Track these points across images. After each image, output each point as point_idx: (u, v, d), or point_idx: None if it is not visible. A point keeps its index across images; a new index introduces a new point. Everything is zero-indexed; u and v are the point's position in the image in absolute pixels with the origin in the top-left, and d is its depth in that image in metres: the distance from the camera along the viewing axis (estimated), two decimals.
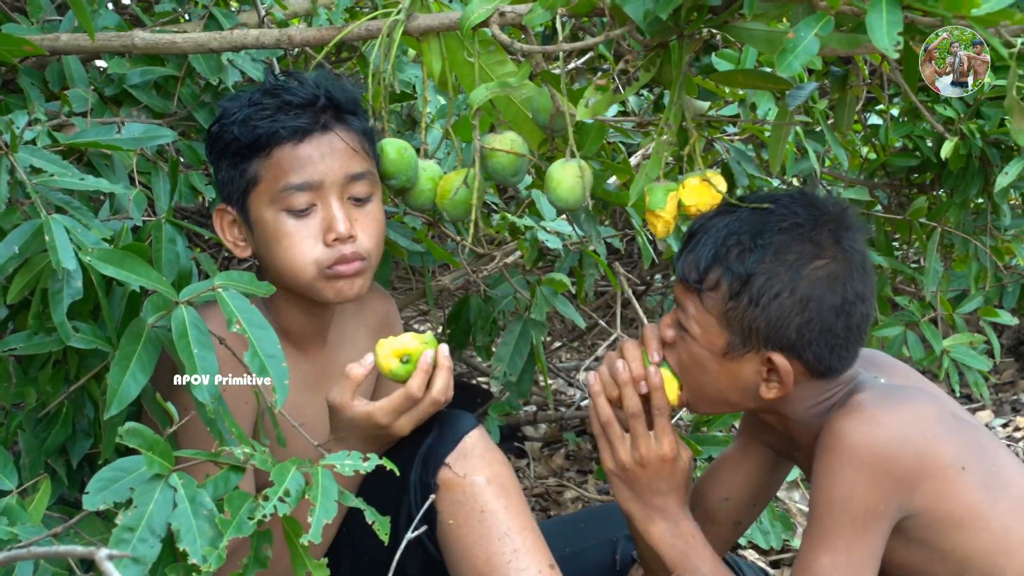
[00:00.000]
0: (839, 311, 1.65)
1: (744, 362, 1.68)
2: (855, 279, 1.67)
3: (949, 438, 1.65)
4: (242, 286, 1.50)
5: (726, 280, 1.65)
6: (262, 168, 1.80)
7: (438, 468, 1.80)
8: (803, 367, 1.67)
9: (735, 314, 1.66)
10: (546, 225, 2.55)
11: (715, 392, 1.73)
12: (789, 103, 1.76)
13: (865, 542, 1.61)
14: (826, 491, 1.62)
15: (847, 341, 1.67)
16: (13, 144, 1.59)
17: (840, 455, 1.61)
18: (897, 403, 1.66)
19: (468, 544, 1.77)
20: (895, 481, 1.60)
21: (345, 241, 1.79)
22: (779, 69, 1.31)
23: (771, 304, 1.64)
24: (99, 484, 1.33)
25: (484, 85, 1.70)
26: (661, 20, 1.45)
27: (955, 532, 1.64)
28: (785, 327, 1.64)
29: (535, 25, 1.62)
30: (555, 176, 1.73)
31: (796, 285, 1.63)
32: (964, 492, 1.64)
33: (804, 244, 1.65)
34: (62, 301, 1.49)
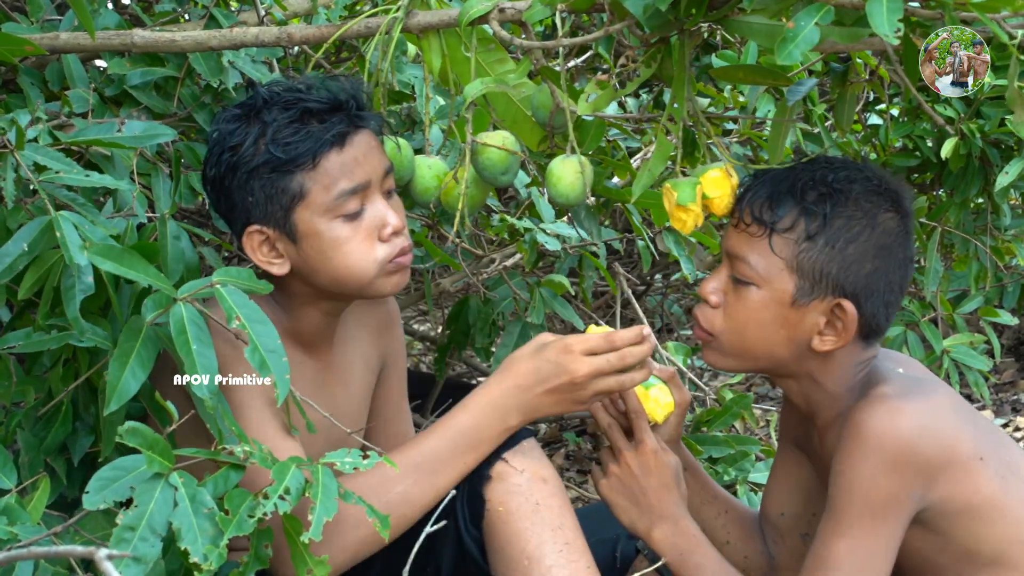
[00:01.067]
0: (900, 264, 1.69)
1: (808, 311, 1.67)
2: (911, 239, 1.71)
3: (967, 428, 1.67)
4: (241, 282, 1.50)
5: (804, 219, 1.65)
6: (308, 180, 1.77)
7: (494, 462, 1.80)
8: (860, 321, 1.67)
9: (808, 255, 1.66)
10: (545, 227, 2.55)
11: (764, 346, 1.71)
12: (788, 98, 1.76)
13: (883, 532, 1.62)
14: (848, 480, 1.63)
15: (897, 300, 1.71)
16: (19, 142, 1.59)
17: (863, 445, 1.61)
18: (918, 394, 1.67)
19: (519, 529, 1.77)
20: (916, 471, 1.61)
21: (400, 233, 1.81)
22: (779, 58, 1.31)
23: (847, 247, 1.65)
24: (99, 483, 1.33)
25: (479, 80, 1.70)
26: (661, 15, 1.45)
27: (972, 522, 1.65)
28: (857, 272, 1.65)
29: (535, 21, 1.62)
30: (555, 172, 1.73)
31: (872, 231, 1.66)
32: (982, 482, 1.65)
33: (877, 196, 1.68)
34: (75, 298, 1.49)
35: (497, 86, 1.73)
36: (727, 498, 1.99)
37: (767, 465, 2.53)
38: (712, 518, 1.94)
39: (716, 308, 1.73)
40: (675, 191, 1.65)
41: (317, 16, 2.33)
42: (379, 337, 2.09)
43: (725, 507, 1.96)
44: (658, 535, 1.78)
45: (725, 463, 2.44)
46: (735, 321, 1.72)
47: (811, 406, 1.78)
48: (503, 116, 1.85)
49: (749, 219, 1.68)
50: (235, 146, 1.78)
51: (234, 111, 1.82)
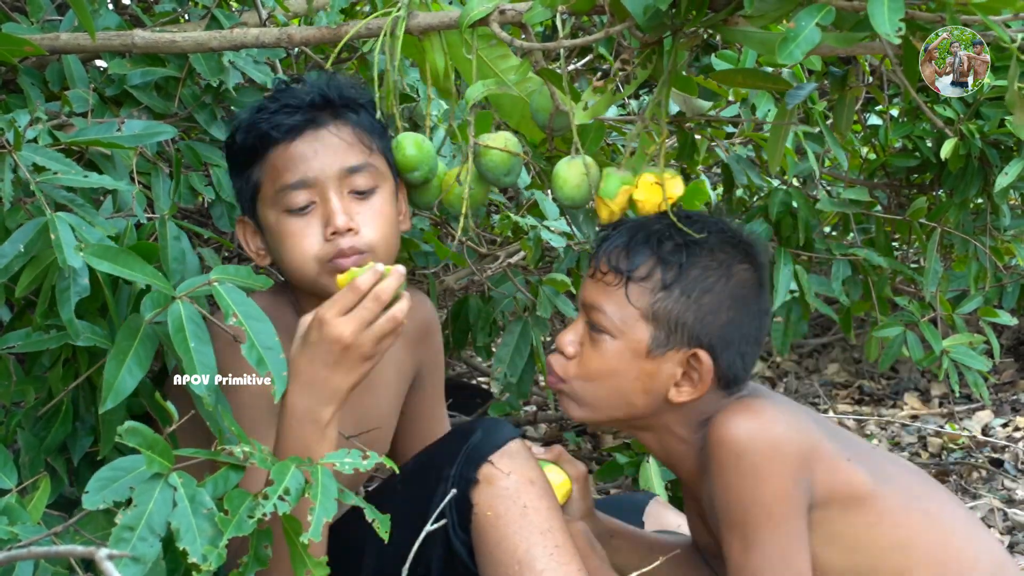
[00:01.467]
0: (755, 316, 1.70)
1: (664, 361, 1.68)
2: (764, 292, 1.73)
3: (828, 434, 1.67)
4: (239, 280, 1.50)
5: (660, 269, 1.66)
6: (261, 172, 1.81)
7: (480, 464, 1.80)
8: (715, 372, 1.68)
9: (664, 305, 1.66)
10: (549, 224, 2.55)
11: (618, 396, 1.71)
12: (788, 102, 1.76)
13: (787, 529, 1.60)
14: (735, 493, 1.60)
15: (754, 352, 1.72)
16: (17, 142, 1.59)
17: (733, 452, 1.60)
18: (765, 398, 1.69)
19: (508, 533, 1.77)
20: (793, 461, 1.59)
21: (344, 234, 1.77)
22: (780, 58, 1.31)
23: (703, 297, 1.66)
24: (99, 483, 1.33)
25: (481, 82, 1.70)
26: (660, 16, 1.46)
27: (852, 519, 1.63)
28: (713, 322, 1.66)
29: (535, 23, 1.62)
30: (561, 174, 1.73)
31: (727, 282, 1.67)
32: (854, 476, 1.64)
33: (732, 248, 1.70)
34: (69, 299, 1.50)
35: (499, 87, 1.73)
36: (663, 541, 1.96)
37: None
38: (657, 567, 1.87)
39: (571, 359, 1.74)
40: (603, 181, 1.66)
41: (318, 19, 2.34)
42: (416, 345, 2.07)
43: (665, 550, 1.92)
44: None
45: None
46: (589, 371, 1.72)
47: (672, 458, 1.77)
48: (508, 114, 1.85)
49: (605, 268, 1.70)
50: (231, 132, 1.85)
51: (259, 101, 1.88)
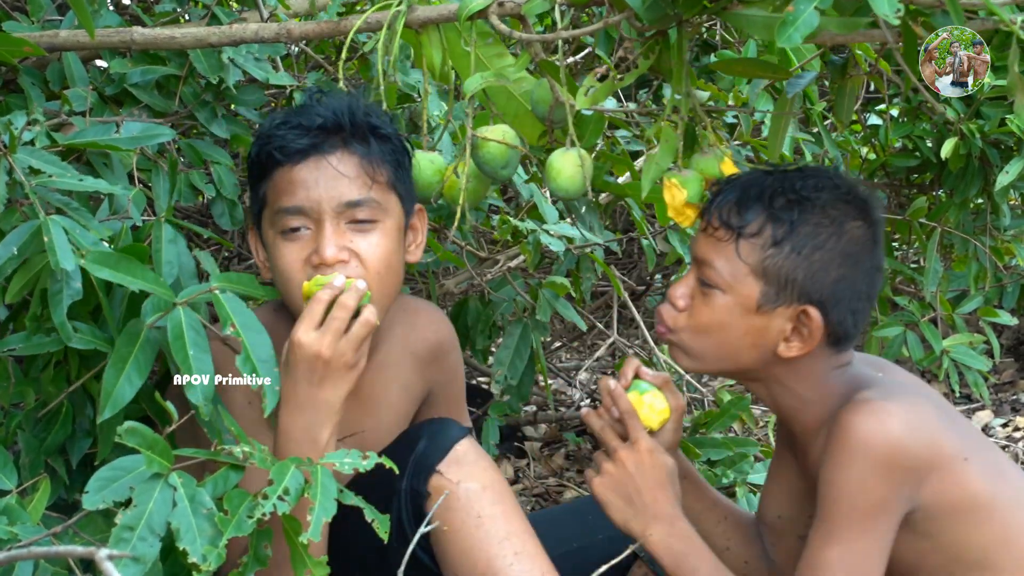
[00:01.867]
0: (867, 273, 1.69)
1: (773, 317, 1.68)
2: (879, 247, 1.71)
3: (950, 430, 1.67)
4: (240, 288, 1.50)
5: (771, 225, 1.66)
6: (267, 189, 1.79)
7: (429, 476, 1.77)
8: (826, 328, 1.67)
9: (774, 262, 1.66)
10: (548, 228, 2.55)
11: (727, 350, 1.72)
12: (788, 91, 1.76)
13: (874, 535, 1.62)
14: (837, 485, 1.62)
15: (864, 308, 1.70)
16: (12, 145, 1.59)
17: (851, 449, 1.61)
18: (901, 395, 1.67)
19: (465, 549, 1.75)
20: (904, 472, 1.61)
21: (332, 267, 1.72)
22: (779, 41, 1.31)
23: (814, 254, 1.65)
24: (98, 483, 1.33)
25: (479, 74, 1.69)
26: (659, 6, 1.45)
27: (958, 523, 1.65)
28: (823, 279, 1.66)
29: (533, 15, 1.62)
30: (555, 165, 1.72)
31: (839, 239, 1.66)
32: (968, 482, 1.65)
33: (845, 205, 1.68)
34: (62, 302, 1.49)
35: (497, 80, 1.72)
36: (726, 504, 1.98)
37: (766, 466, 2.53)
38: (712, 525, 1.92)
39: (682, 312, 1.74)
40: (684, 188, 1.65)
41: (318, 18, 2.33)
42: (427, 366, 2.03)
43: (724, 513, 1.95)
44: (654, 536, 1.75)
45: (724, 465, 2.44)
46: (699, 324, 1.72)
47: (782, 411, 1.78)
48: (503, 111, 1.84)
49: (717, 223, 1.69)
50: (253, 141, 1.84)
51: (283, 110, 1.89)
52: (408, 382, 2.00)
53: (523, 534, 1.77)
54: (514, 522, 1.77)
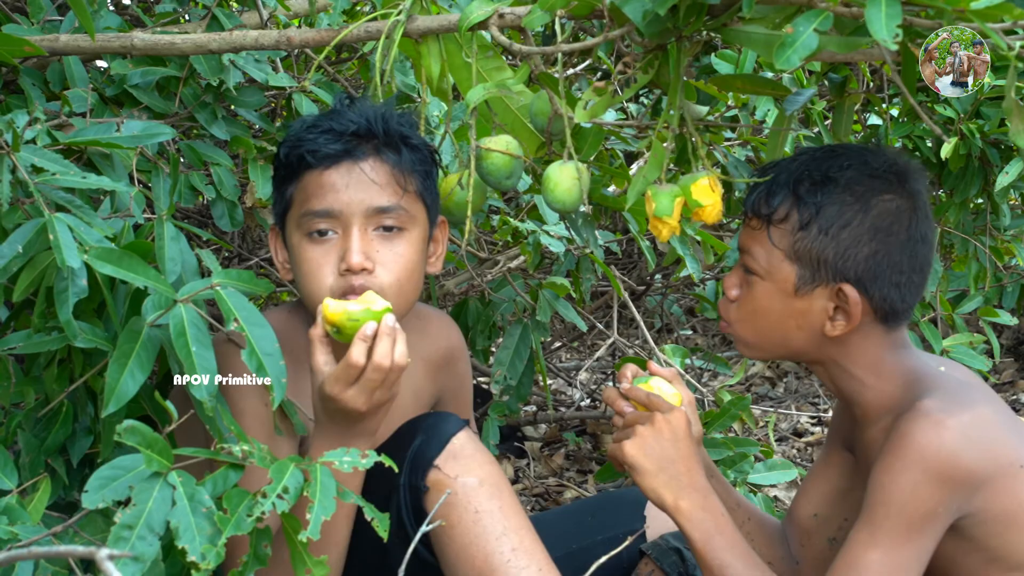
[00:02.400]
0: (905, 245, 1.70)
1: (813, 298, 1.71)
2: (919, 217, 1.71)
3: (1008, 437, 1.67)
4: (241, 284, 1.50)
5: (797, 210, 1.69)
6: (295, 191, 1.80)
7: (427, 471, 1.77)
8: (869, 305, 1.70)
9: (804, 244, 1.69)
10: (549, 229, 2.55)
11: (776, 335, 1.75)
12: (786, 108, 1.76)
13: (917, 544, 1.61)
14: (886, 490, 1.62)
15: (911, 281, 1.71)
16: (15, 143, 1.59)
17: (905, 457, 1.61)
18: (963, 405, 1.66)
19: (464, 544, 1.76)
20: (957, 485, 1.61)
21: (357, 273, 1.76)
22: (778, 63, 1.31)
23: (841, 233, 1.67)
24: (98, 482, 1.33)
25: (481, 85, 1.70)
26: (660, 21, 1.45)
27: (1006, 529, 1.65)
28: (854, 256, 1.68)
29: (534, 27, 1.62)
30: (552, 178, 1.72)
31: (866, 215, 1.68)
32: (1020, 489, 1.64)
33: (873, 180, 1.70)
34: (67, 300, 1.49)
35: (499, 91, 1.73)
36: (749, 505, 1.98)
37: (766, 466, 2.53)
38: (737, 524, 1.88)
39: (734, 301, 1.78)
40: (653, 201, 1.65)
41: (319, 20, 2.34)
42: (437, 372, 2.06)
43: (748, 514, 1.95)
44: (685, 506, 1.71)
45: (724, 465, 2.44)
46: (746, 312, 1.76)
47: (843, 393, 1.79)
48: (501, 123, 1.85)
49: (750, 213, 1.74)
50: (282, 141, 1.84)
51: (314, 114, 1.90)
52: (419, 388, 2.02)
53: (521, 529, 1.77)
54: (511, 517, 1.77)
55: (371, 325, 1.64)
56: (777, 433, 3.80)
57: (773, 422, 3.52)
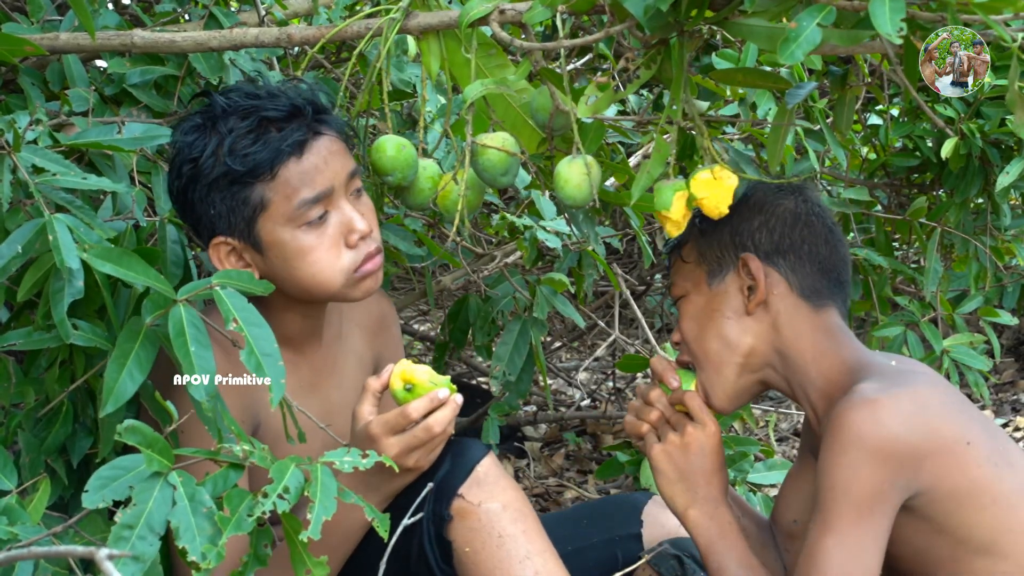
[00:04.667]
0: (796, 217, 1.81)
1: (726, 286, 1.81)
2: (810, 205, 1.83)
3: (953, 416, 1.69)
4: (240, 284, 1.50)
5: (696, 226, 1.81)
6: (268, 191, 1.75)
7: (451, 499, 1.79)
8: (777, 275, 1.79)
9: (705, 244, 1.82)
10: (545, 224, 2.55)
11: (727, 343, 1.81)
12: (787, 102, 1.76)
13: (869, 524, 1.63)
14: (830, 476, 1.65)
15: (813, 256, 1.80)
16: (16, 143, 1.59)
17: (843, 440, 1.64)
18: (900, 385, 1.69)
19: (487, 570, 1.77)
20: (898, 463, 1.63)
21: (367, 237, 1.80)
22: (781, 58, 1.31)
23: (731, 216, 1.72)
24: (98, 482, 1.33)
25: (479, 80, 1.69)
26: (661, 16, 1.45)
27: (960, 507, 1.66)
28: (747, 231, 1.80)
29: (535, 23, 1.62)
30: (563, 174, 1.71)
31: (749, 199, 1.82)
32: (969, 466, 1.66)
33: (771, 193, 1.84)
34: (63, 300, 1.49)
35: (498, 88, 1.72)
36: (744, 503, 2.00)
37: (766, 466, 2.54)
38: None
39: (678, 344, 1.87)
40: (656, 195, 1.66)
41: (318, 16, 2.33)
42: (373, 337, 2.08)
43: (742, 511, 1.97)
44: (694, 514, 1.80)
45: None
46: (689, 334, 1.84)
47: (796, 394, 1.83)
48: (501, 120, 1.84)
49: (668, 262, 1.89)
50: (194, 158, 1.75)
51: (193, 120, 1.79)
52: (359, 352, 2.05)
53: (544, 552, 1.79)
54: (535, 541, 1.79)
55: (445, 391, 1.77)
56: (777, 433, 3.80)
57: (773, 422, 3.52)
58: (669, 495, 1.82)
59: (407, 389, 1.78)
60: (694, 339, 1.84)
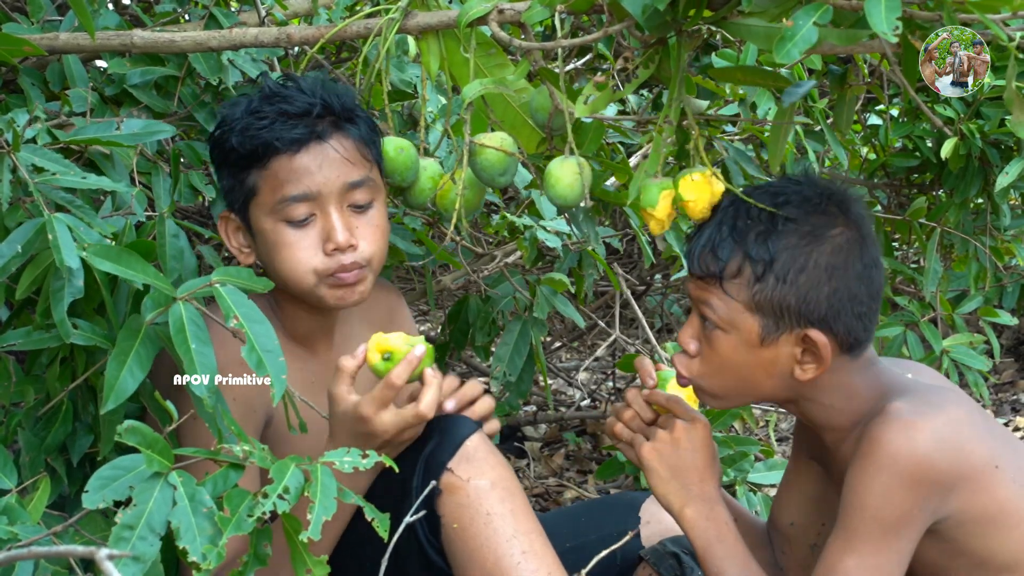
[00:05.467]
0: (861, 276, 1.67)
1: (780, 345, 1.67)
2: (868, 244, 1.69)
3: (982, 438, 1.66)
4: (241, 282, 1.50)
5: (749, 264, 1.64)
6: (260, 179, 1.80)
7: (440, 473, 1.78)
8: (835, 341, 1.67)
9: (763, 296, 1.65)
10: (545, 224, 2.55)
11: (746, 385, 1.72)
12: (785, 100, 1.75)
13: (894, 548, 1.61)
14: (860, 496, 1.61)
15: (870, 309, 1.69)
16: (15, 143, 1.59)
17: (877, 462, 1.60)
18: (933, 407, 1.65)
19: (475, 547, 1.76)
20: (931, 487, 1.60)
21: (344, 251, 1.80)
22: (778, 57, 1.31)
23: (799, 278, 1.64)
24: (99, 482, 1.33)
25: (478, 80, 1.69)
26: (659, 15, 1.45)
27: (986, 530, 1.64)
28: (816, 298, 1.64)
29: (534, 22, 1.62)
30: (554, 173, 1.72)
31: (820, 256, 1.65)
32: (997, 490, 1.64)
33: (818, 217, 1.66)
34: (63, 299, 1.50)
35: (496, 87, 1.72)
36: (737, 505, 1.98)
37: (766, 466, 2.53)
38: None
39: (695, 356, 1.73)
40: (643, 193, 1.65)
41: (318, 17, 2.33)
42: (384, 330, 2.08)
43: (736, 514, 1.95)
44: (690, 514, 1.75)
45: (724, 464, 2.44)
46: (712, 366, 1.72)
47: (816, 423, 1.77)
48: (501, 120, 1.84)
49: (698, 271, 1.69)
50: (222, 128, 1.83)
51: (242, 96, 1.87)
52: None
53: (531, 532, 1.78)
54: (522, 520, 1.78)
55: (420, 348, 1.75)
56: (777, 433, 3.80)
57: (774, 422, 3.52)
58: (663, 494, 1.78)
59: (385, 359, 1.76)
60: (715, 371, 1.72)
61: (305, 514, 1.37)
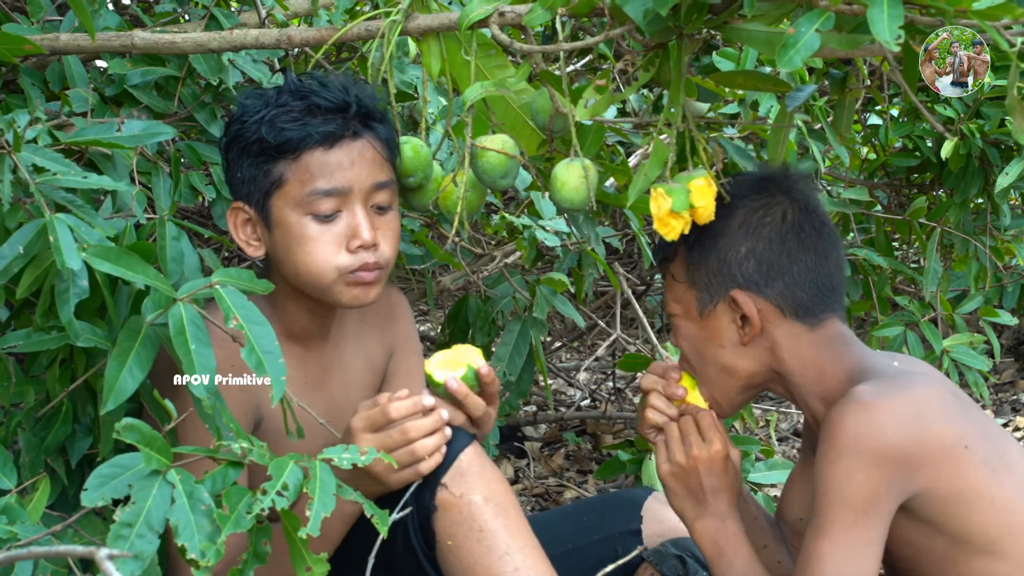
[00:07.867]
0: (783, 234, 1.74)
1: (717, 315, 1.76)
2: (811, 213, 1.76)
3: (951, 419, 1.68)
4: (240, 283, 1.50)
5: (683, 242, 1.73)
6: (288, 171, 1.79)
7: (436, 489, 1.79)
8: (770, 305, 1.74)
9: (694, 269, 1.76)
10: (545, 224, 2.55)
11: (723, 368, 1.79)
12: (788, 104, 1.76)
13: (864, 528, 1.63)
14: (825, 480, 1.65)
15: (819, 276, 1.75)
16: (16, 143, 1.59)
17: (836, 444, 1.63)
18: (897, 387, 1.68)
19: (469, 564, 1.77)
20: (893, 466, 1.62)
21: (368, 249, 1.80)
22: (780, 64, 1.31)
23: (716, 243, 1.71)
24: (97, 481, 1.33)
25: (479, 83, 1.70)
26: (661, 19, 1.45)
27: (959, 509, 1.66)
28: (735, 258, 1.73)
29: (535, 25, 1.62)
30: (560, 177, 1.72)
31: (734, 219, 1.74)
32: (967, 470, 1.65)
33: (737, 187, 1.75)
34: (69, 301, 1.49)
35: (497, 90, 1.73)
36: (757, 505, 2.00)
37: (767, 465, 2.54)
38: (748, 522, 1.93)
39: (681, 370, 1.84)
40: (669, 197, 1.65)
41: (318, 19, 2.33)
42: (383, 333, 2.08)
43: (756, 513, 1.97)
44: (700, 527, 1.82)
45: None
46: (687, 354, 1.82)
47: (798, 402, 1.82)
48: (502, 121, 1.84)
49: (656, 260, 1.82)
50: (243, 120, 1.82)
51: (262, 89, 1.87)
52: (370, 352, 2.05)
53: (524, 548, 1.78)
54: (516, 536, 1.78)
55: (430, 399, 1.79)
56: (778, 433, 3.80)
57: (774, 422, 3.52)
58: (679, 509, 1.84)
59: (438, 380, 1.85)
60: (693, 360, 1.82)
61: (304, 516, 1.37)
